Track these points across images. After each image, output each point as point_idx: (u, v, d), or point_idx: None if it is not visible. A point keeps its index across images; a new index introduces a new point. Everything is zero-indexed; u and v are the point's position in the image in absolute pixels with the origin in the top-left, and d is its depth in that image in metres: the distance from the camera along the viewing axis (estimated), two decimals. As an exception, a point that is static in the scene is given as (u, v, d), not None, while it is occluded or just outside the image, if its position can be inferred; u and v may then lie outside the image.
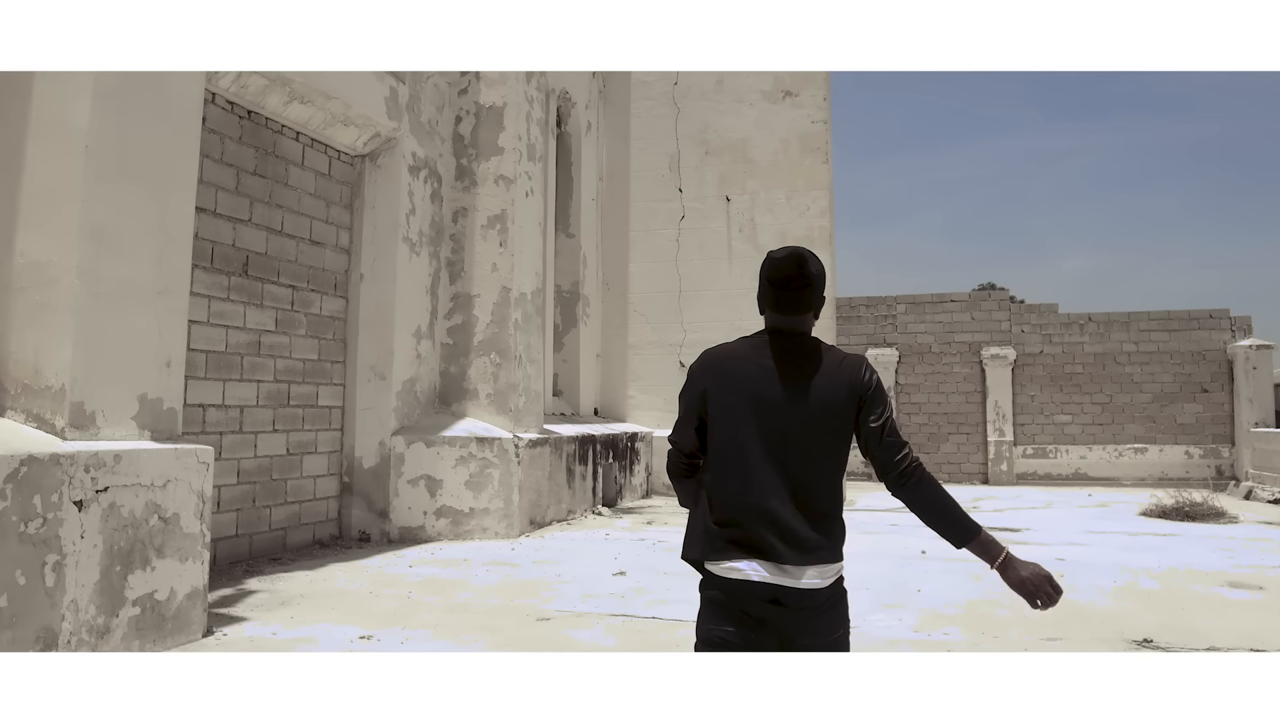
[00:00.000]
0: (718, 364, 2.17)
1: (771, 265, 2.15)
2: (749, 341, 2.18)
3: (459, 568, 6.92)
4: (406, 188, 8.38)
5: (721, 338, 10.31)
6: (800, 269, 2.12)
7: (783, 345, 2.13)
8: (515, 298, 8.81)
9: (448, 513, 8.17)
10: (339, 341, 8.11)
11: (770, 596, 2.02)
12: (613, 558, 7.40)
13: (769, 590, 2.02)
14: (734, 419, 2.10)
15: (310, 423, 7.71)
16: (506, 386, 8.70)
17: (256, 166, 7.15)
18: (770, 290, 2.16)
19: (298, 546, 7.51)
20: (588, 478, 10.35)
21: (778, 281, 2.14)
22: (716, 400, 2.13)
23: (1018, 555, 2.18)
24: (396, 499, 8.09)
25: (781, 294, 2.14)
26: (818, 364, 2.12)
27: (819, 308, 2.19)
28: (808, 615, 2.04)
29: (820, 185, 12.66)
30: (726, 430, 2.10)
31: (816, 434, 2.07)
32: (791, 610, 2.02)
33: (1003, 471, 16.72)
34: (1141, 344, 16.84)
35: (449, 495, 8.18)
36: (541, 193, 9.55)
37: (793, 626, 2.03)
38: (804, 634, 2.04)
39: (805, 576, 2.01)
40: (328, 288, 7.99)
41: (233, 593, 5.91)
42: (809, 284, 2.13)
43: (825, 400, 2.08)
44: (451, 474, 8.20)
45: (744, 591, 2.03)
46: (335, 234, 8.09)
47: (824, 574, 2.04)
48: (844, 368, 2.13)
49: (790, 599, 2.02)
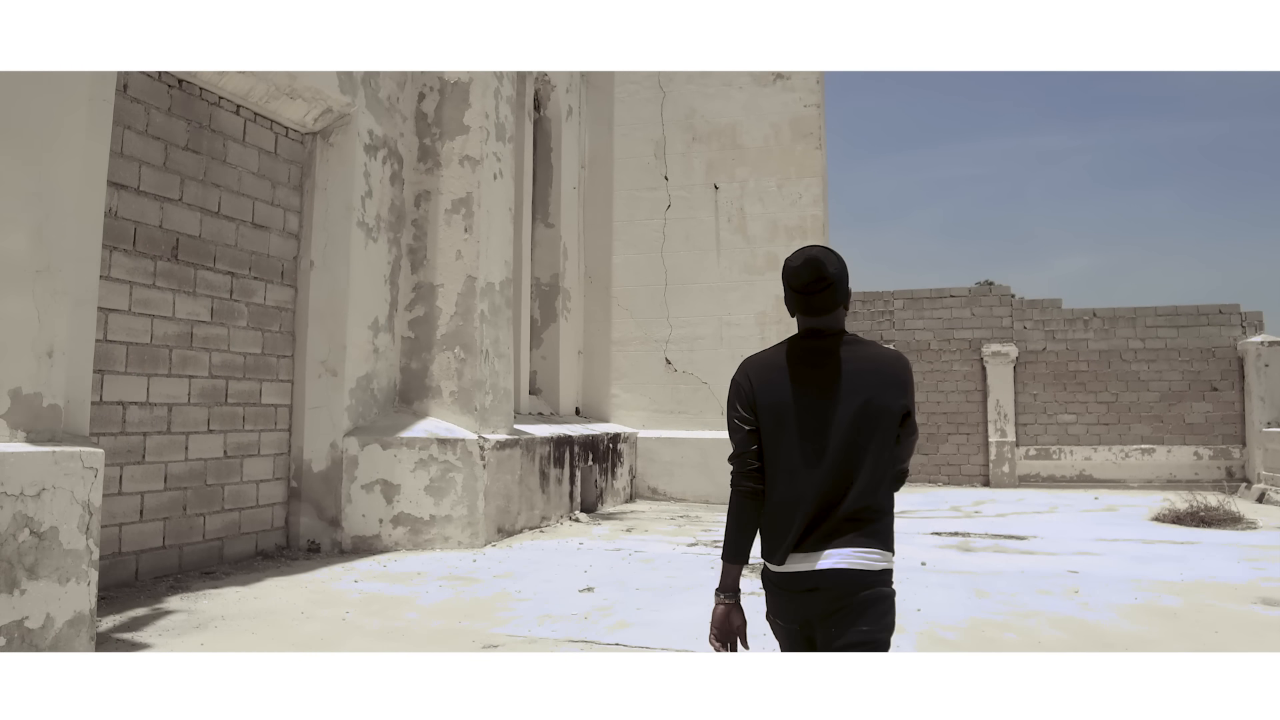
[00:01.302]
0: (758, 371, 2.23)
1: (790, 272, 2.18)
2: (785, 345, 2.23)
3: (410, 583, 6.27)
4: (362, 168, 7.74)
5: (709, 333, 9.78)
6: (817, 275, 2.14)
7: (818, 346, 2.18)
8: (481, 288, 8.16)
9: (406, 521, 7.52)
10: (286, 334, 7.46)
11: (812, 584, 2.07)
12: (582, 571, 6.75)
13: (813, 579, 2.06)
14: (781, 421, 2.15)
15: (252, 422, 7.06)
16: (471, 383, 8.05)
17: (189, 141, 6.51)
18: (794, 296, 2.20)
19: (237, 558, 6.86)
20: (564, 482, 9.70)
21: (800, 287, 2.17)
22: (763, 407, 2.18)
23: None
24: (349, 506, 7.44)
25: (804, 299, 2.17)
26: (859, 361, 2.15)
27: (847, 301, 2.21)
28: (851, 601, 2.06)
29: (813, 172, 12.02)
30: (774, 433, 2.16)
31: (860, 431, 2.10)
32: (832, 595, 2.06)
33: (1004, 473, 16.08)
34: (1148, 341, 16.21)
35: (407, 501, 7.54)
36: (512, 176, 8.91)
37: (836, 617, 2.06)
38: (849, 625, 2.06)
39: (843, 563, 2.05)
40: (273, 275, 7.34)
41: (146, 613, 5.27)
42: (829, 286, 2.15)
43: (866, 397, 2.11)
44: (410, 478, 7.55)
45: (796, 583, 2.09)
46: (282, 217, 7.45)
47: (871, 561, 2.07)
48: (885, 364, 2.16)
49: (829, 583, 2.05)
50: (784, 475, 2.13)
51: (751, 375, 2.22)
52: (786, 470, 2.13)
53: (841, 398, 2.11)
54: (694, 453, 11.91)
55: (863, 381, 2.12)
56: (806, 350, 2.19)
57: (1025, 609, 5.58)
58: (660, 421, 12.30)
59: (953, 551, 7.80)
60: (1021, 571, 6.79)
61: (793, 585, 2.09)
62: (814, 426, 2.11)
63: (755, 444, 2.18)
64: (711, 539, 8.48)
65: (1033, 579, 6.47)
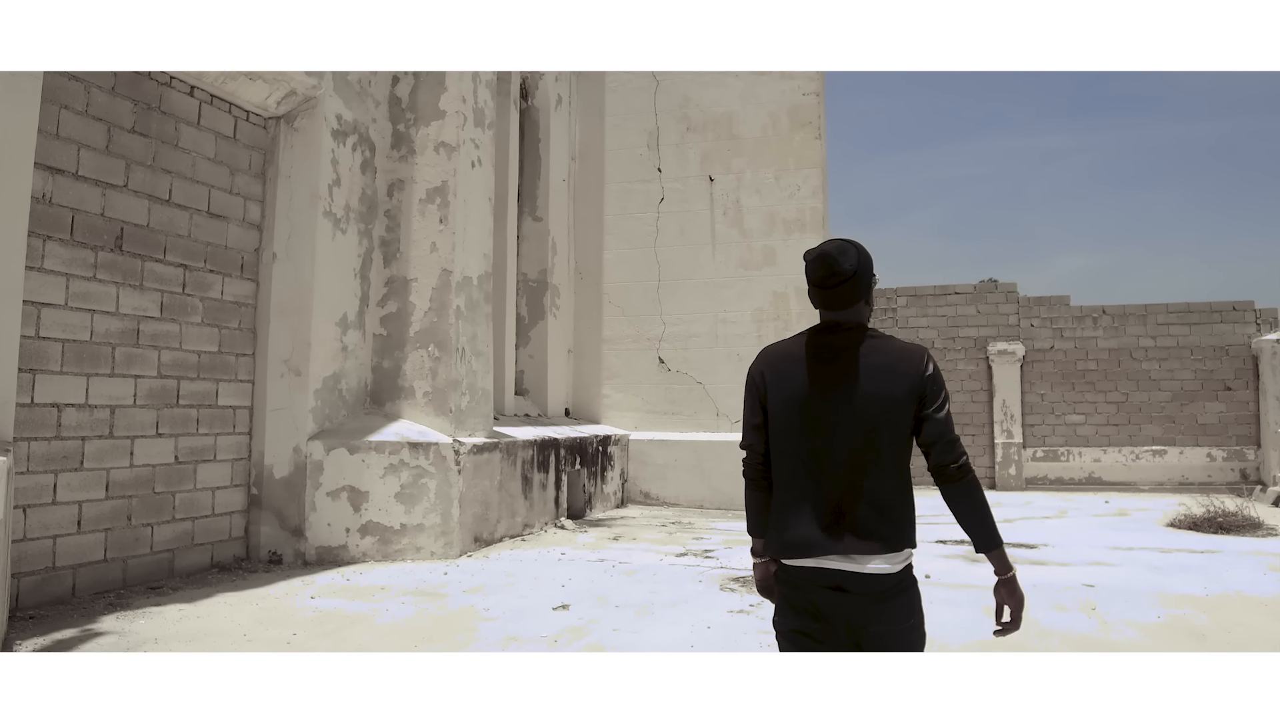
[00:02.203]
0: (772, 362, 2.23)
1: (807, 267, 2.18)
2: (803, 337, 2.22)
3: (371, 598, 5.80)
4: (330, 155, 7.27)
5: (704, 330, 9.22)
6: (831, 270, 2.13)
7: (835, 339, 2.17)
8: (457, 282, 7.69)
9: (374, 530, 7.06)
10: (246, 331, 7.00)
11: (834, 583, 2.06)
12: (560, 585, 6.28)
13: (832, 577, 2.06)
14: (791, 415, 2.16)
15: (207, 425, 6.60)
16: (446, 383, 7.58)
17: (135, 123, 6.04)
18: (812, 289, 2.19)
19: (190, 571, 6.39)
20: (549, 487, 9.22)
21: (817, 282, 2.16)
22: (774, 398, 2.19)
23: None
24: (313, 514, 6.97)
25: (823, 293, 2.16)
26: (874, 355, 2.13)
27: (868, 295, 2.19)
28: (874, 602, 2.05)
29: (812, 163, 11.52)
30: (785, 426, 2.17)
31: (874, 424, 2.08)
32: (856, 596, 2.05)
33: (1011, 475, 15.58)
34: (1159, 339, 15.70)
35: (376, 510, 7.07)
36: (492, 164, 8.43)
37: (861, 614, 2.05)
38: (873, 622, 2.05)
39: (869, 563, 2.04)
40: (232, 268, 6.87)
41: (74, 635, 4.80)
42: (845, 281, 2.13)
43: (882, 391, 2.10)
44: (379, 485, 7.09)
45: (810, 580, 2.09)
46: (243, 206, 6.98)
47: (890, 560, 2.06)
48: (903, 358, 2.14)
49: (854, 585, 2.05)
50: (793, 469, 2.15)
51: (765, 368, 2.24)
52: (796, 464, 2.14)
53: (853, 392, 2.10)
54: (688, 455, 11.43)
55: (877, 376, 2.10)
56: (822, 344, 2.18)
57: (1039, 628, 5.10)
58: (653, 423, 11.82)
59: (959, 562, 7.31)
60: (1034, 585, 6.30)
61: (816, 580, 2.09)
62: (825, 421, 2.11)
63: (763, 437, 2.24)
64: (702, 548, 8.00)
65: (1046, 593, 5.98)
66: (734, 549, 7.93)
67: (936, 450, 2.13)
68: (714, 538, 8.70)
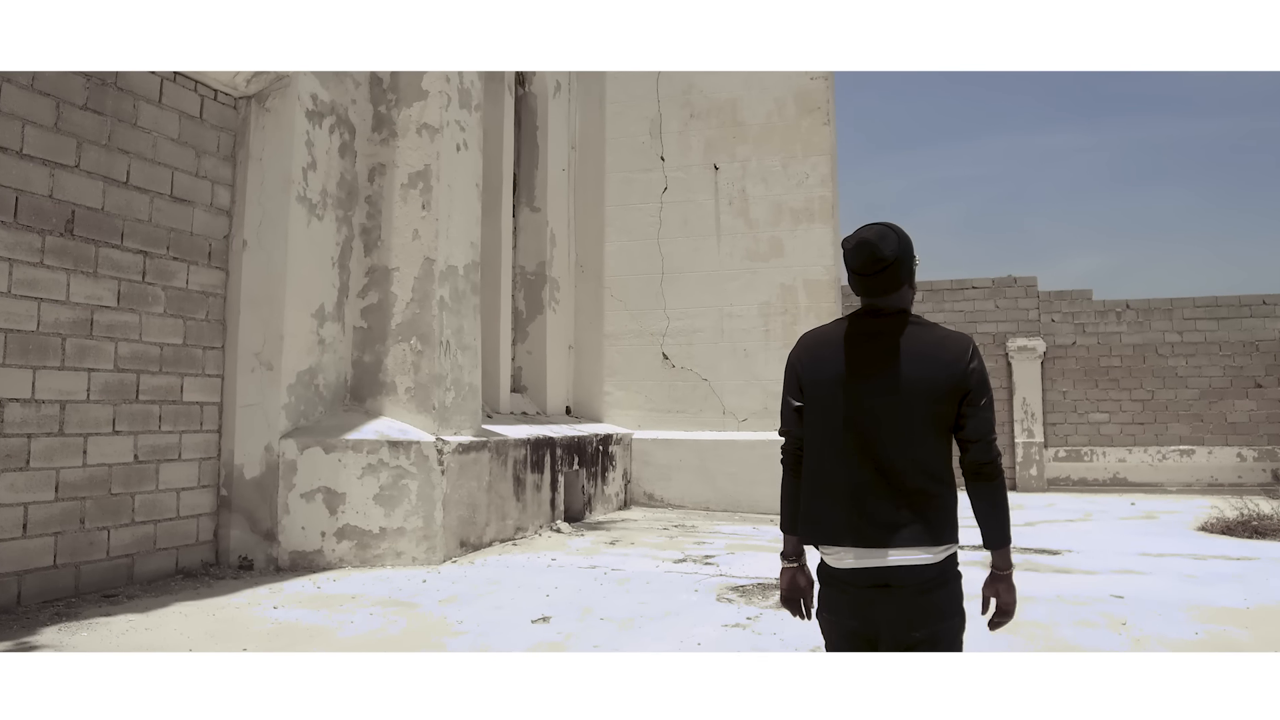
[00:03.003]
0: (810, 348, 2.20)
1: (846, 254, 2.14)
2: (843, 322, 2.19)
3: (339, 609, 5.38)
4: (304, 136, 6.87)
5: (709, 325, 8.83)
6: (872, 257, 2.09)
7: (875, 325, 2.13)
8: (441, 271, 7.26)
9: (352, 534, 6.64)
10: (215, 322, 6.60)
11: (877, 581, 2.03)
12: (544, 594, 5.84)
13: (874, 575, 2.03)
14: (825, 401, 2.12)
15: (171, 422, 6.20)
16: (429, 379, 7.16)
17: (88, 99, 5.66)
18: (851, 276, 2.15)
19: (151, 577, 6.00)
20: (543, 488, 8.79)
21: (856, 269, 2.12)
22: (810, 384, 2.16)
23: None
24: (287, 517, 6.56)
25: (862, 280, 2.12)
26: (914, 342, 2.09)
27: (911, 280, 2.17)
28: (914, 597, 2.02)
29: (821, 150, 11.03)
30: (819, 413, 2.14)
31: (911, 413, 2.04)
32: (895, 591, 2.02)
33: (1032, 477, 15.02)
34: (1186, 334, 15.10)
35: (353, 512, 6.65)
36: (479, 148, 8.00)
37: (901, 609, 2.02)
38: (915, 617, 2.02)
39: (903, 557, 2.01)
40: (199, 256, 6.48)
41: (7, 648, 4.41)
42: (886, 267, 2.10)
43: (921, 378, 2.05)
44: (357, 486, 6.67)
45: (849, 577, 2.06)
46: (210, 191, 6.59)
47: (931, 551, 2.02)
48: (946, 346, 2.09)
49: (895, 578, 2.02)
50: (829, 457, 2.10)
51: (803, 353, 2.21)
52: (832, 452, 2.10)
53: (893, 379, 2.05)
54: (692, 455, 10.97)
55: (917, 363, 2.06)
56: (863, 330, 2.14)
57: (1064, 646, 4.61)
58: (656, 421, 11.36)
59: (978, 570, 6.78)
60: (1057, 596, 5.81)
61: (858, 580, 2.06)
62: (863, 406, 2.07)
63: (799, 423, 2.20)
64: (703, 554, 7.54)
65: (1071, 606, 5.49)
66: (736, 554, 7.47)
67: (976, 448, 2.10)
68: (717, 542, 8.23)
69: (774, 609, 5.46)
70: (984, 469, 2.11)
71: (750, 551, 7.62)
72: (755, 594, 5.90)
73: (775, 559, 3.13)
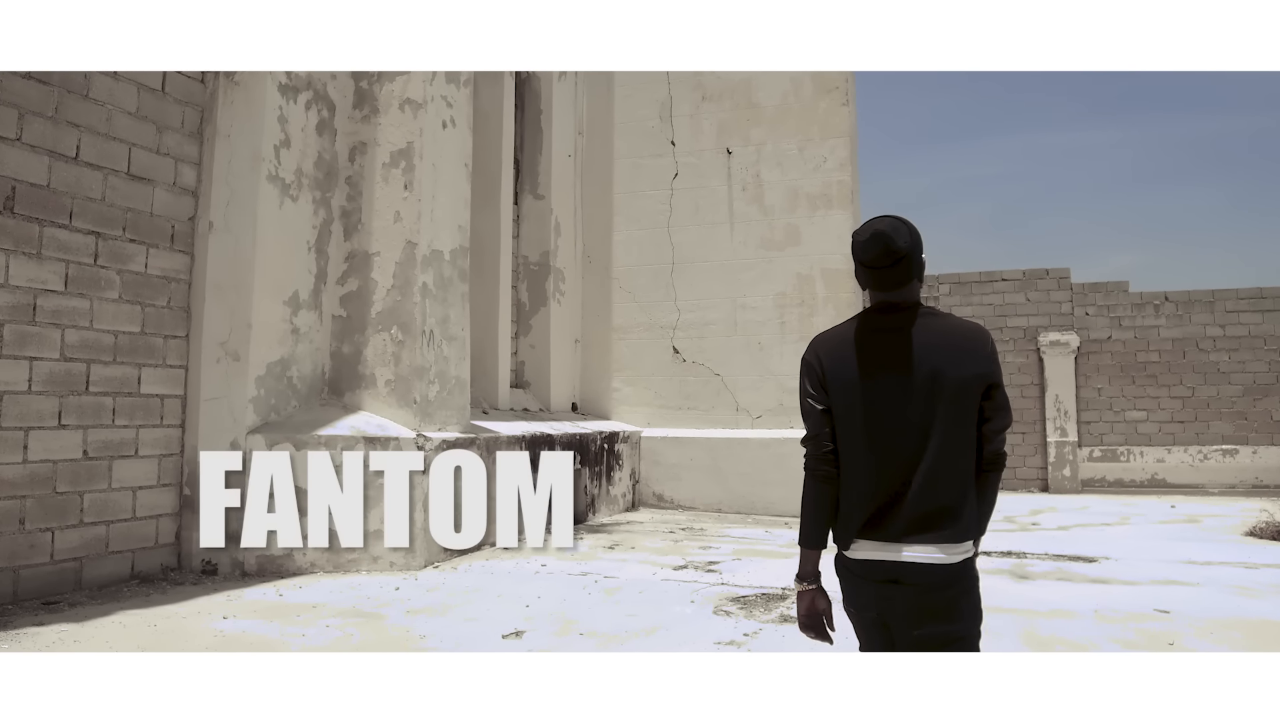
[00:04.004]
0: (830, 349, 2.13)
1: (858, 247, 2.07)
2: (856, 320, 2.13)
3: (296, 620, 4.91)
4: (276, 112, 6.42)
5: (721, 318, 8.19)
6: (886, 249, 2.03)
7: (891, 321, 2.08)
8: (424, 256, 6.78)
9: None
10: (178, 310, 6.16)
11: (891, 576, 2.00)
12: (525, 604, 5.34)
13: (887, 570, 2.00)
14: (848, 400, 2.06)
15: (126, 416, 5.77)
16: (410, 371, 6.68)
17: (32, 67, 5.23)
18: (863, 271, 2.09)
19: (103, 582, 5.56)
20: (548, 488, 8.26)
21: (869, 263, 2.06)
22: (834, 385, 2.09)
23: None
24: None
25: (875, 274, 2.07)
26: (933, 336, 2.04)
27: (920, 274, 2.10)
28: (930, 596, 1.98)
29: (839, 132, 10.44)
30: (846, 414, 2.07)
31: (935, 410, 1.99)
32: (911, 589, 1.98)
33: (1065, 477, 14.29)
34: (1229, 327, 14.29)
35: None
36: (469, 126, 7.51)
37: (916, 608, 1.99)
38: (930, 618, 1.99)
39: (925, 554, 1.97)
40: (159, 238, 6.04)
41: (-90, 667, 3.96)
42: (899, 260, 2.04)
43: (948, 371, 2.00)
44: (330, 486, 6.18)
45: (870, 572, 2.03)
46: (173, 169, 6.15)
47: (948, 552, 1.98)
48: (968, 337, 2.06)
49: (909, 575, 1.98)
50: (857, 457, 2.04)
51: (821, 353, 2.13)
52: (859, 452, 2.04)
53: (915, 374, 2.01)
54: (703, 454, 10.42)
55: (937, 356, 2.01)
56: (879, 326, 2.08)
57: (1103, 671, 4.01)
58: (666, 419, 10.82)
59: (1004, 579, 6.21)
60: (1094, 610, 5.20)
61: (871, 574, 2.02)
62: (886, 405, 2.02)
63: (829, 425, 2.09)
64: (706, 560, 7.00)
65: (1111, 624, 4.88)
66: (743, 560, 6.93)
67: (997, 440, 2.05)
68: (724, 547, 7.69)
69: (776, 623, 4.91)
70: (998, 462, 2.06)
71: (759, 558, 7.07)
72: (758, 606, 5.36)
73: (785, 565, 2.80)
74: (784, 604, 5.35)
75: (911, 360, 2.01)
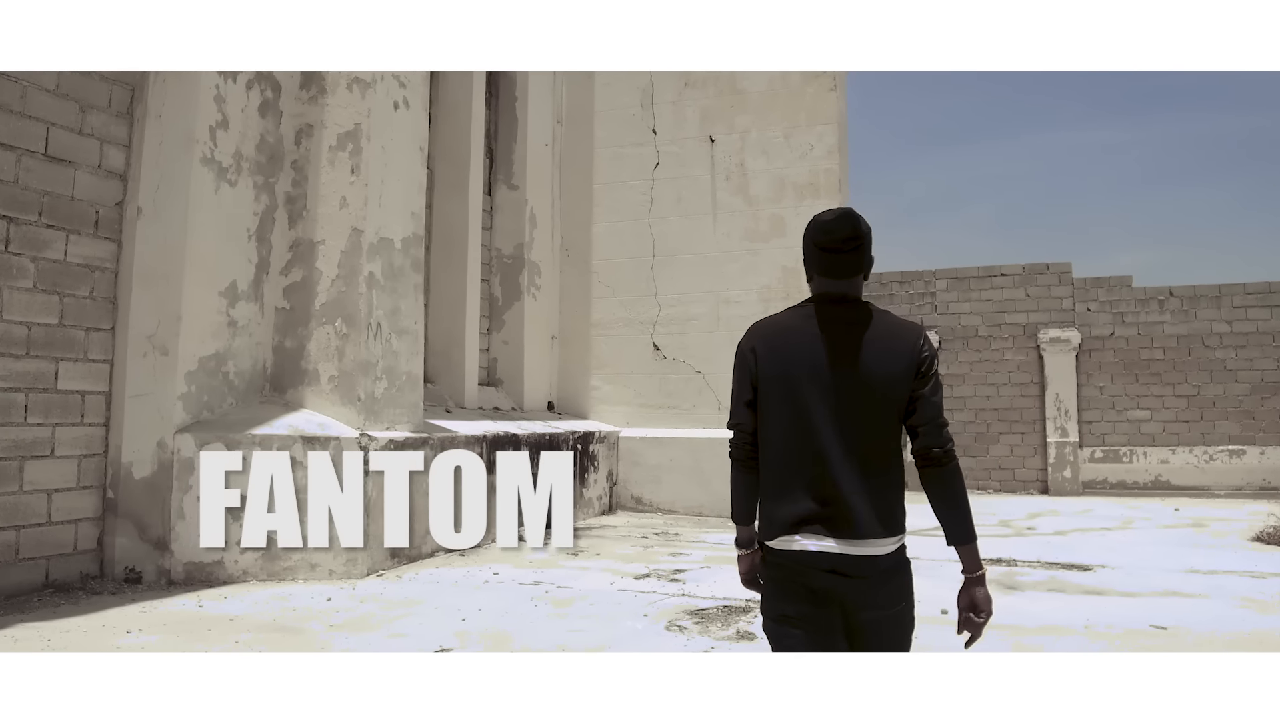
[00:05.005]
0: (766, 336, 2.11)
1: (821, 228, 2.07)
2: (798, 311, 2.12)
3: (203, 635, 4.50)
4: (212, 90, 6.02)
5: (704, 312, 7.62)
6: (854, 230, 2.05)
7: (835, 313, 2.07)
8: (371, 244, 6.38)
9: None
10: (103, 301, 5.77)
11: (829, 566, 1.98)
12: (462, 618, 4.92)
13: (827, 560, 1.98)
14: (785, 392, 2.05)
15: (41, 414, 5.37)
16: (355, 366, 6.27)
17: (-70, 36, 4.83)
18: (821, 256, 2.08)
19: (12, 592, 5.15)
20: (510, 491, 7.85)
21: (832, 246, 2.06)
22: (767, 374, 2.07)
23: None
24: (181, 523, 5.70)
25: (835, 258, 2.07)
26: (874, 332, 2.05)
27: (869, 269, 2.12)
28: (868, 585, 1.98)
29: (827, 119, 9.99)
30: (778, 404, 2.06)
31: (872, 404, 2.01)
32: (851, 579, 1.98)
33: (1066, 479, 13.81)
34: (1236, 323, 13.79)
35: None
36: (425, 108, 7.10)
37: (854, 597, 1.98)
38: (867, 606, 1.98)
39: (862, 546, 1.97)
40: (81, 224, 5.64)
41: None
42: (861, 244, 2.07)
43: (882, 369, 2.02)
44: (264, 488, 5.77)
45: (803, 564, 2.01)
46: (98, 150, 5.75)
47: (883, 544, 1.99)
48: (902, 336, 2.06)
49: (849, 568, 1.98)
50: (786, 448, 2.04)
51: (757, 342, 2.11)
52: (789, 443, 2.03)
53: (852, 368, 2.01)
54: (685, 455, 9.99)
55: (875, 352, 2.02)
56: (820, 317, 2.06)
57: (1086, 700, 3.57)
58: (646, 418, 10.39)
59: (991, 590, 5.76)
60: (1085, 627, 4.76)
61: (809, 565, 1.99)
62: (821, 398, 2.01)
63: (753, 414, 2.10)
64: (673, 568, 6.58)
65: (1101, 639, 4.44)
66: (712, 569, 6.50)
67: (926, 433, 2.04)
68: (696, 554, 7.26)
69: (732, 640, 4.51)
70: (934, 454, 2.03)
71: (729, 565, 6.56)
72: (716, 620, 4.94)
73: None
74: (745, 617, 4.93)
75: (849, 355, 2.01)
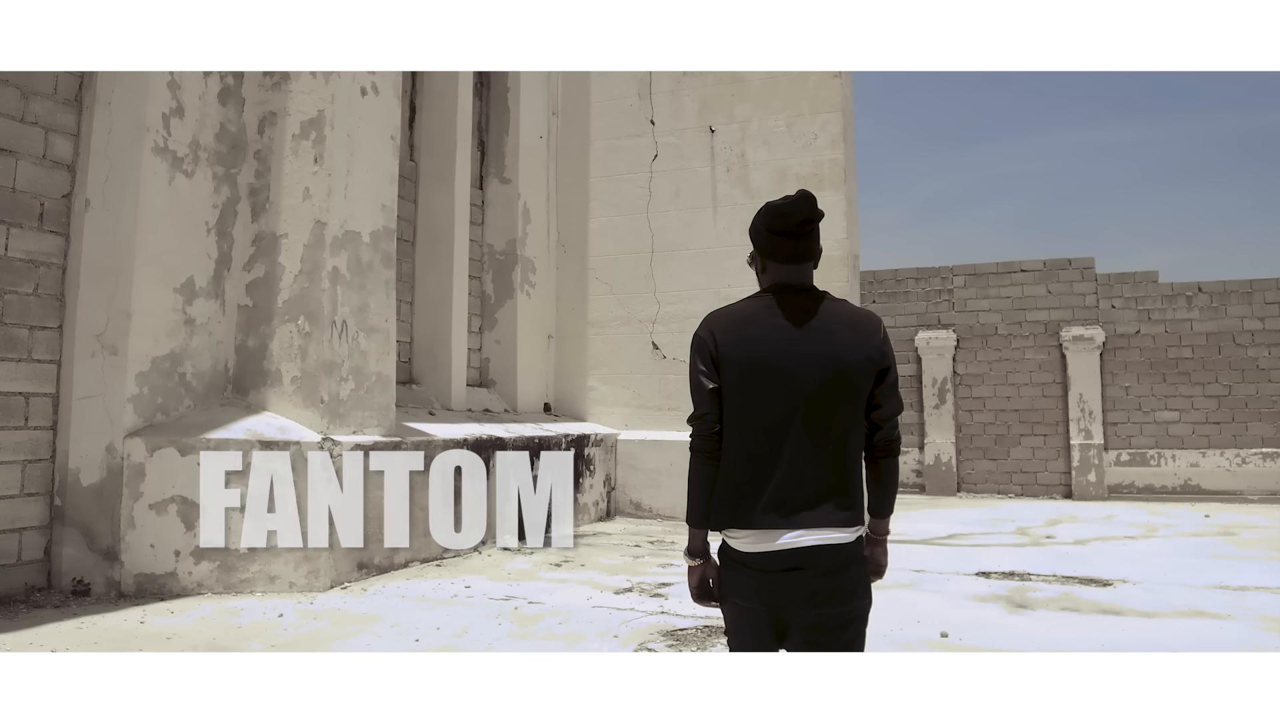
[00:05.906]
0: (725, 326, 2.07)
1: (777, 212, 2.05)
2: (757, 300, 2.09)
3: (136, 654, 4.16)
4: (167, 77, 5.70)
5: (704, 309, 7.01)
6: (812, 211, 2.03)
7: (796, 302, 2.05)
8: (335, 237, 6.03)
9: (213, 554, 5.44)
10: (48, 298, 5.46)
11: (791, 564, 1.97)
12: (416, 638, 4.55)
13: (790, 558, 1.97)
14: (746, 382, 2.02)
15: (-22, 419, 5.08)
16: (318, 366, 5.93)
17: None
18: (775, 241, 2.07)
19: (-55, 609, 4.87)
20: (494, 497, 7.50)
21: (788, 230, 2.04)
22: (728, 364, 2.04)
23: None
24: (132, 532, 5.38)
25: (792, 243, 2.05)
26: (832, 320, 2.04)
27: (819, 258, 2.11)
28: (828, 578, 1.98)
29: (831, 106, 9.55)
30: (739, 394, 2.03)
31: (834, 394, 1.99)
32: (810, 573, 1.97)
33: (1090, 483, 13.24)
34: (1268, 320, 13.16)
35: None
36: (396, 95, 6.75)
37: (814, 592, 1.97)
38: (826, 599, 1.97)
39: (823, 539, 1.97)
40: (25, 218, 5.35)
41: None
42: (815, 229, 2.07)
43: (843, 358, 2.00)
44: (220, 496, 5.46)
45: (762, 559, 1.99)
46: (43, 140, 5.45)
47: (847, 533, 1.99)
48: (861, 324, 2.06)
49: (811, 560, 1.97)
50: (748, 439, 2.02)
51: (716, 331, 2.07)
52: (751, 434, 2.01)
53: (813, 357, 1.99)
54: (685, 458, 9.51)
55: (836, 340, 2.01)
56: (778, 305, 2.04)
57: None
58: (645, 420, 9.99)
59: (997, 610, 5.32)
60: (1100, 649, 4.30)
61: (768, 564, 1.98)
62: (783, 387, 1.99)
63: (717, 404, 2.06)
64: (658, 581, 6.18)
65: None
66: (700, 580, 6.09)
67: (889, 426, 2.07)
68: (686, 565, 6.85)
69: (703, 666, 4.07)
70: (892, 447, 2.09)
71: (719, 577, 6.23)
72: (691, 643, 4.54)
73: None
74: (724, 640, 4.51)
75: (814, 344, 1.99)
